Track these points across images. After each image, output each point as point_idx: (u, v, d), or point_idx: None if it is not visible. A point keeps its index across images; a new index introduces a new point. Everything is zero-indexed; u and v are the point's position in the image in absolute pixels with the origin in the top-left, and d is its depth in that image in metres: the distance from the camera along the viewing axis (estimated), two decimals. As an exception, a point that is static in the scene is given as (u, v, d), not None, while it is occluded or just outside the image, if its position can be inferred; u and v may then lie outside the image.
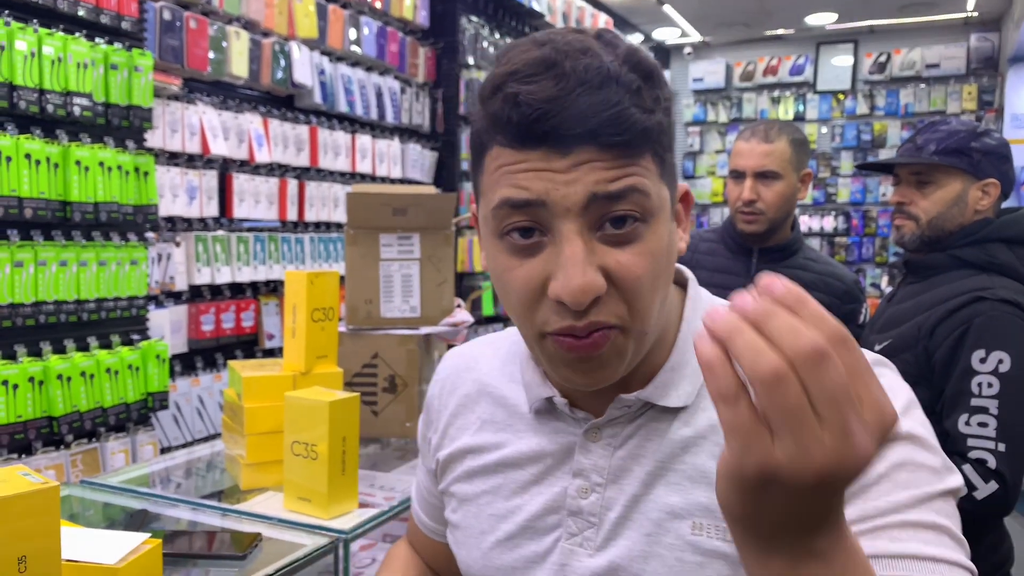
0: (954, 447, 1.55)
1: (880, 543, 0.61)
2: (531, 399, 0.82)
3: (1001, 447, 1.51)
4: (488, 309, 5.00)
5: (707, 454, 0.73)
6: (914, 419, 0.68)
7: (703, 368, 0.45)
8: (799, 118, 7.48)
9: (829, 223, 7.38)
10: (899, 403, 0.68)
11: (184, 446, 3.01)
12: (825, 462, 0.42)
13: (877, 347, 1.74)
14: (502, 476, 0.84)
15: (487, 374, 0.91)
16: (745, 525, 0.48)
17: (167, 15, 3.06)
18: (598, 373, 0.70)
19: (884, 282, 7.05)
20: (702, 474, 0.73)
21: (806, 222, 7.37)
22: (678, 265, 0.79)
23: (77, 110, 2.50)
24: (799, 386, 0.42)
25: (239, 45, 3.41)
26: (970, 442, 1.53)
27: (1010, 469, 1.51)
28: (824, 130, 7.44)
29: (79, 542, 1.09)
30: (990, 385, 1.54)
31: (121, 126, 2.67)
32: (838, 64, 7.43)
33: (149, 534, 1.15)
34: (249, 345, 3.65)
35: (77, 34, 2.54)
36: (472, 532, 0.86)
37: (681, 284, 0.82)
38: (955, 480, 0.67)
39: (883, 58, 7.20)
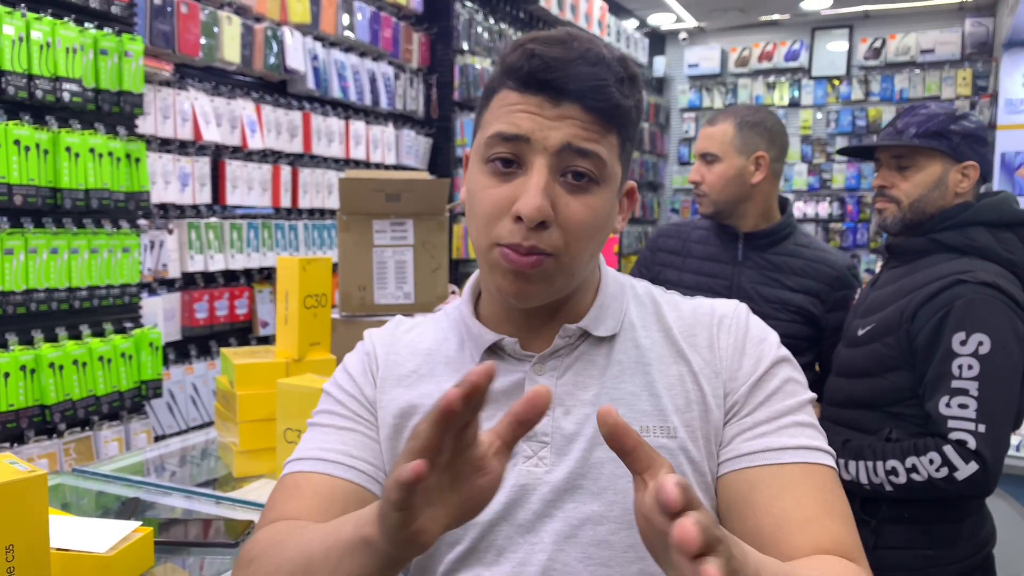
0: (935, 428, 1.56)
1: (784, 439, 0.86)
2: (479, 347, 0.91)
3: (981, 428, 1.52)
4: (483, 296, 4.98)
5: (641, 373, 0.90)
6: (783, 347, 0.93)
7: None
8: (794, 104, 7.46)
9: (824, 209, 7.37)
10: (775, 335, 0.93)
11: (178, 434, 3.00)
12: None
13: (860, 332, 1.74)
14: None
15: (428, 340, 0.96)
16: None
17: (157, 0, 3.03)
18: (525, 288, 0.84)
19: (878, 267, 7.06)
20: (642, 388, 0.89)
21: (801, 208, 7.37)
22: None
23: (67, 96, 2.47)
24: None
25: (231, 30, 3.38)
26: (951, 423, 1.54)
27: (990, 450, 1.52)
28: (819, 116, 7.42)
29: (69, 531, 1.09)
30: (970, 367, 1.55)
31: (112, 112, 2.65)
32: (833, 50, 7.41)
33: (140, 522, 1.15)
34: (243, 332, 3.64)
35: (66, 19, 2.51)
36: None
37: None
38: (809, 392, 0.92)
39: (878, 43, 7.18)
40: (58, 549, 1.03)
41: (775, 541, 0.81)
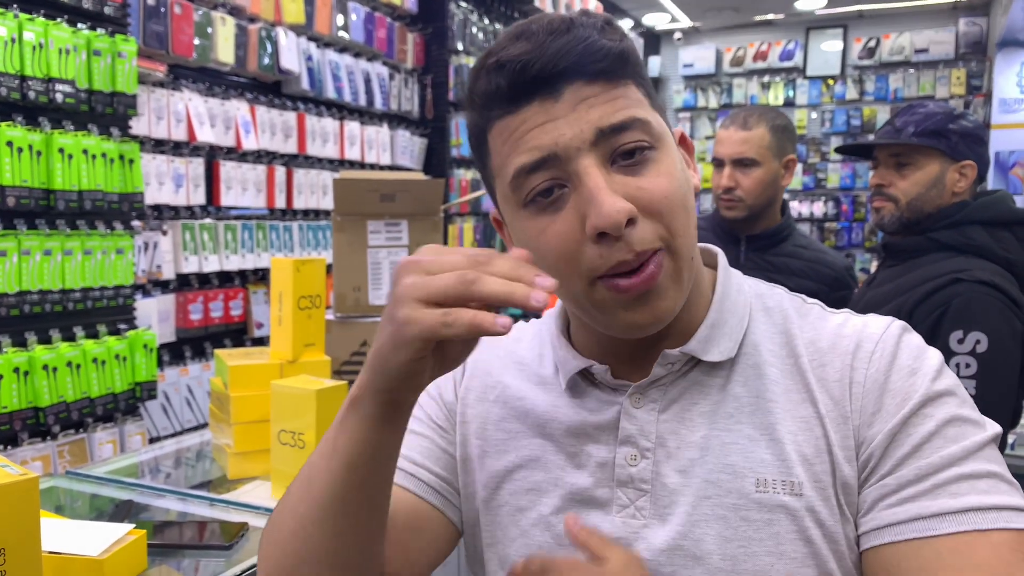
0: None
1: (942, 500, 0.65)
2: (565, 374, 0.79)
3: None
4: (478, 296, 4.97)
5: (763, 412, 0.73)
6: (949, 377, 0.72)
7: None
8: (789, 103, 7.47)
9: (819, 208, 7.39)
10: (934, 362, 0.71)
11: (173, 436, 3.00)
12: None
13: None
14: (540, 450, 0.79)
15: (524, 349, 0.87)
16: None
17: (151, 0, 3.02)
18: (658, 304, 0.70)
19: (873, 267, 7.07)
20: (761, 431, 0.73)
21: (796, 207, 7.38)
22: (707, 245, 0.84)
23: (60, 97, 2.46)
24: None
25: (225, 31, 3.37)
26: None
27: None
28: (814, 115, 7.43)
29: (62, 534, 1.08)
30: (968, 365, 1.55)
31: (105, 113, 2.64)
32: (827, 49, 7.42)
33: (133, 525, 1.14)
34: (238, 334, 3.63)
35: (59, 19, 2.50)
36: (507, 510, 0.80)
37: (711, 263, 0.84)
38: (995, 427, 0.71)
39: (872, 43, 7.20)
40: (50, 552, 1.02)
41: None
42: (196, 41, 3.24)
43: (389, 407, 0.67)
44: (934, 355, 0.73)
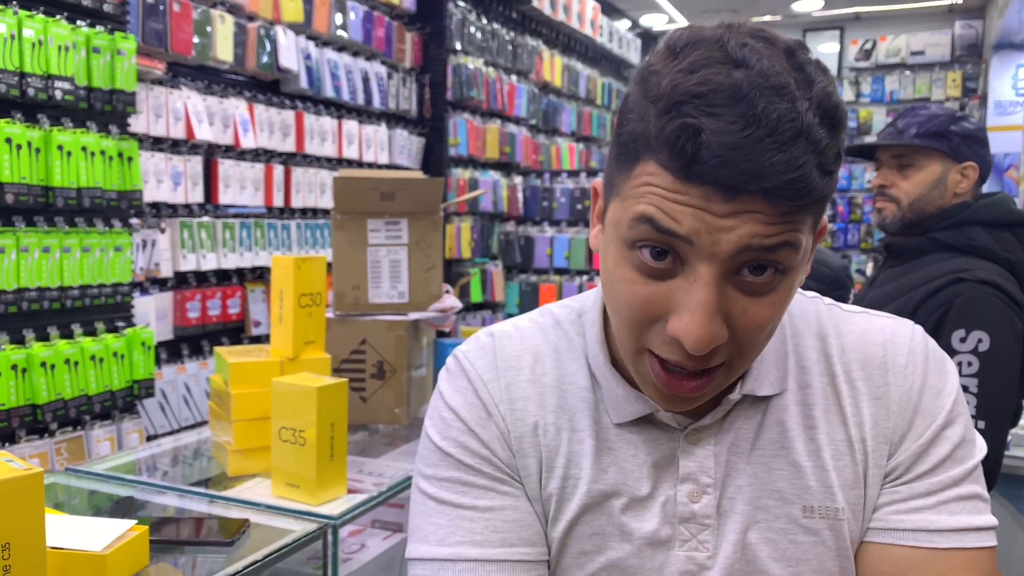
0: None
1: (942, 517, 0.73)
2: (620, 416, 0.77)
3: (980, 425, 1.54)
4: (476, 296, 4.99)
5: (807, 439, 0.76)
6: (960, 392, 0.77)
7: None
8: (786, 105, 7.49)
9: (815, 210, 7.40)
10: (954, 380, 0.77)
11: (170, 434, 3.00)
12: None
13: None
14: (600, 496, 0.77)
15: (548, 368, 0.80)
16: None
17: (150, -2, 3.02)
18: (685, 404, 0.70)
19: (869, 268, 7.09)
20: (806, 457, 0.75)
21: (792, 209, 7.39)
22: None
23: (59, 94, 2.46)
24: None
25: (224, 29, 3.37)
26: None
27: (989, 446, 1.53)
28: (810, 117, 7.45)
29: (65, 529, 1.08)
30: (970, 364, 1.56)
31: (104, 110, 2.64)
32: (824, 51, 7.45)
33: (135, 521, 1.14)
34: (235, 332, 3.63)
35: (58, 16, 2.50)
36: (572, 553, 0.78)
37: None
38: (984, 445, 0.78)
39: (869, 45, 7.22)
40: (53, 548, 1.03)
41: None
42: (195, 39, 3.24)
43: None
44: (953, 370, 0.77)
